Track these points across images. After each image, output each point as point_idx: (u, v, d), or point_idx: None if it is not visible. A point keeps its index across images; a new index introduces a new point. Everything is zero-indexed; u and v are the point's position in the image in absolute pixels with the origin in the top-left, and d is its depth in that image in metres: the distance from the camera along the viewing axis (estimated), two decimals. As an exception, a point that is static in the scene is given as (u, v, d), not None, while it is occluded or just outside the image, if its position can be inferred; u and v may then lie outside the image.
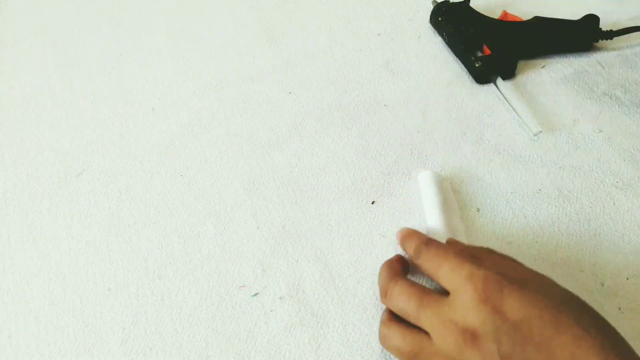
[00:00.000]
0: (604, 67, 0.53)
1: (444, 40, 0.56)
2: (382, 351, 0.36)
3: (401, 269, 0.38)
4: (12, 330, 0.38)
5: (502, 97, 0.50)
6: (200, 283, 0.40)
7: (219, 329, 0.38)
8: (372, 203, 0.44)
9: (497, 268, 0.32)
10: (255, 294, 0.39)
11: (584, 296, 0.38)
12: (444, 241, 0.38)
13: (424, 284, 0.37)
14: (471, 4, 0.56)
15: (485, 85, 0.52)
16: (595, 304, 0.37)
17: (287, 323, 0.38)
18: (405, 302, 0.33)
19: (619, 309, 0.37)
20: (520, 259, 0.40)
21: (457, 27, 0.54)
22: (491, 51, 0.52)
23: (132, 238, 0.42)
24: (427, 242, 0.36)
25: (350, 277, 0.40)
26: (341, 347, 0.36)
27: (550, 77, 0.52)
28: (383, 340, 0.35)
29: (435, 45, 0.56)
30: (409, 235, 0.38)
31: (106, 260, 0.41)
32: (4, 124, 0.51)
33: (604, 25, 0.53)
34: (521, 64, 0.53)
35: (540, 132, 0.47)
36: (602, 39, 0.53)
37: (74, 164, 0.47)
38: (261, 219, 0.43)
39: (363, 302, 0.38)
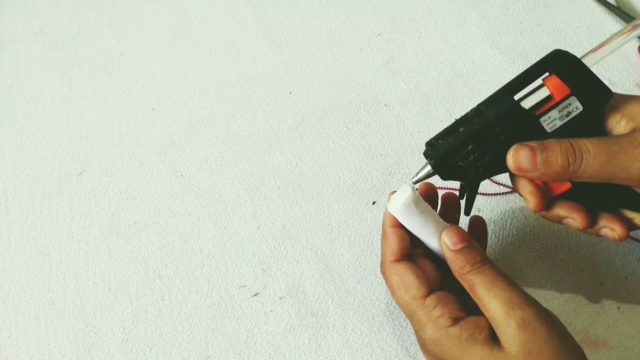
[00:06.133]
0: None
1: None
2: (382, 351, 0.36)
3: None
4: (12, 330, 0.38)
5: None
6: (200, 283, 0.40)
7: (219, 329, 0.38)
8: (373, 203, 0.44)
9: None
10: (255, 294, 0.39)
11: (584, 296, 0.38)
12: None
13: None
14: None
15: (487, 84, 0.52)
16: (595, 304, 0.38)
17: (287, 323, 0.38)
18: None
19: (619, 308, 0.37)
20: (520, 258, 0.40)
21: None
22: None
23: (132, 238, 0.42)
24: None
25: (350, 277, 0.40)
26: (341, 347, 0.36)
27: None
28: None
29: (435, 45, 0.56)
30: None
31: (106, 260, 0.41)
32: (4, 124, 0.51)
33: None
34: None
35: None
36: None
37: (74, 164, 0.47)
38: (261, 219, 0.43)
39: (363, 302, 0.38)
